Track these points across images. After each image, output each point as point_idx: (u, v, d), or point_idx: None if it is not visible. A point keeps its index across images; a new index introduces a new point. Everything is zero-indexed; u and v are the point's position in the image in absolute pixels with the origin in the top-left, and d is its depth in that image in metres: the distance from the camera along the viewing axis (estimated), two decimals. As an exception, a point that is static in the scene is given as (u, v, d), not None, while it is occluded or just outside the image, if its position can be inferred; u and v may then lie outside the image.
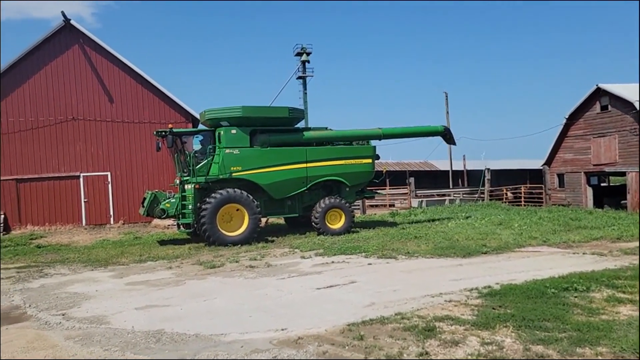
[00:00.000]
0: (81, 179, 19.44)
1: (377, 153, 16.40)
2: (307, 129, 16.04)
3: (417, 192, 29.15)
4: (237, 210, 14.03)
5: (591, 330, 5.51)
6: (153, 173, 19.88)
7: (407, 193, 28.72)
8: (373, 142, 16.84)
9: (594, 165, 25.93)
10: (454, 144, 18.25)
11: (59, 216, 19.13)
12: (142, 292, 8.51)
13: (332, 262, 10.68)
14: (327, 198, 15.29)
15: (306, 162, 15.18)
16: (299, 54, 48.69)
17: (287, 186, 14.99)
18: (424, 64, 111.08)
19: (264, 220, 17.67)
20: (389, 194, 30.67)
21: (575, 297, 7.01)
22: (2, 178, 18.51)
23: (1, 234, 17.63)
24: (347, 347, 5.36)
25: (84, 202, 19.42)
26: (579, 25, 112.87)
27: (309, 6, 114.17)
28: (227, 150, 14.28)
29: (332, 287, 8.33)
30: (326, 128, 16.52)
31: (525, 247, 11.85)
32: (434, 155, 57.04)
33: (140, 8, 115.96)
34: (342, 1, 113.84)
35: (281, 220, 18.30)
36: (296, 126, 15.95)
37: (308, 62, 48.67)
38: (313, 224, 15.18)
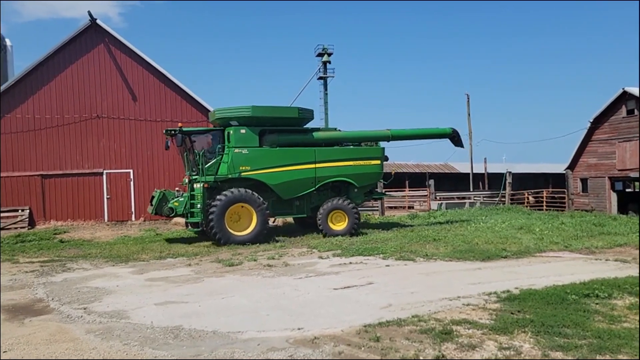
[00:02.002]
0: (104, 176, 19.81)
1: (385, 154, 16.39)
2: (316, 129, 16.03)
3: (437, 194, 28.93)
4: (246, 209, 14.04)
5: (612, 338, 5.40)
6: (174, 171, 20.12)
7: (426, 195, 28.52)
8: (382, 144, 16.88)
9: (619, 170, 25.37)
10: (462, 146, 18.17)
11: (82, 212, 19.53)
12: (161, 289, 8.64)
13: (350, 262, 10.68)
14: (331, 199, 15.26)
15: (315, 162, 15.16)
16: (320, 55, 48.77)
17: (295, 186, 14.98)
18: (446, 65, 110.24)
19: (279, 220, 17.77)
20: (408, 196, 30.52)
21: (597, 304, 6.87)
22: (27, 174, 18.99)
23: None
24: (363, 348, 5.36)
25: (107, 198, 19.79)
26: (606, 28, 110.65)
27: (331, 6, 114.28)
28: (236, 150, 14.28)
29: (349, 287, 8.33)
30: (335, 129, 16.57)
31: (546, 252, 11.66)
32: (454, 158, 56.56)
33: (165, 8, 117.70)
34: (365, 2, 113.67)
35: (291, 220, 18.29)
36: (305, 127, 15.96)
37: (329, 62, 48.76)
38: (318, 224, 15.17)
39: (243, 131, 14.42)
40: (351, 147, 16.21)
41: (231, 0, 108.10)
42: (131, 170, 20.06)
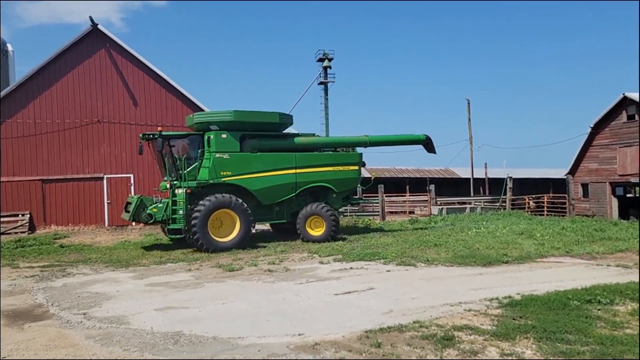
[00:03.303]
0: (104, 181, 19.81)
1: (363, 160, 16.66)
2: (295, 134, 16.06)
3: (438, 199, 28.90)
4: (228, 215, 13.81)
5: (615, 344, 5.37)
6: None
7: (427, 200, 28.51)
8: (360, 149, 17.13)
9: (620, 175, 25.37)
10: (434, 152, 18.46)
11: (83, 217, 19.51)
12: (161, 294, 8.61)
13: (351, 268, 10.65)
14: (309, 205, 15.24)
15: (295, 168, 15.14)
16: (321, 60, 48.87)
17: (276, 192, 14.93)
18: (447, 70, 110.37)
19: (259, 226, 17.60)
20: (408, 201, 30.49)
21: (599, 309, 6.84)
22: (27, 178, 18.99)
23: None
24: (364, 354, 5.33)
25: (107, 203, 19.78)
26: (606, 32, 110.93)
27: (330, 9, 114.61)
28: (218, 155, 14.07)
29: (350, 293, 8.30)
30: (314, 134, 16.64)
31: (548, 258, 11.62)
32: (455, 163, 56.53)
33: (167, 13, 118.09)
34: (366, 2, 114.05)
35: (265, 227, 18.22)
36: (284, 132, 15.98)
37: (330, 67, 48.86)
38: (297, 230, 15.17)
39: (224, 136, 14.24)
40: (330, 152, 16.37)
41: (233, 0, 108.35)
42: (132, 175, 20.06)
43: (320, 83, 48.96)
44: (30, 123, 19.23)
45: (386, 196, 25.79)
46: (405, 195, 32.61)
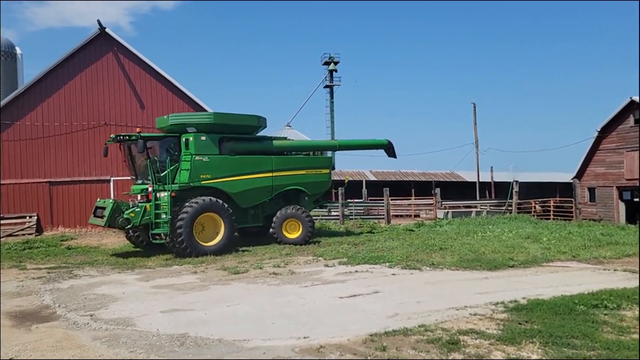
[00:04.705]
0: (111, 183, 19.92)
1: (333, 163, 17.18)
2: (269, 138, 16.11)
3: (443, 202, 28.82)
4: (211, 219, 13.54)
5: (621, 349, 5.34)
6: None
7: (432, 204, 28.44)
8: (329, 153, 17.87)
9: (627, 179, 25.21)
10: (395, 157, 18.88)
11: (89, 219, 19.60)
12: (167, 296, 8.64)
13: (356, 271, 10.64)
14: (285, 208, 15.25)
15: (272, 171, 15.17)
16: (327, 63, 48.97)
17: (254, 195, 14.89)
18: (452, 73, 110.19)
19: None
20: (414, 204, 30.44)
21: (605, 314, 6.81)
22: (35, 181, 19.14)
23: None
24: (369, 358, 5.33)
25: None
26: (613, 36, 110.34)
27: (336, 11, 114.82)
28: (197, 157, 13.78)
29: (355, 296, 8.30)
30: (285, 138, 16.80)
31: (554, 262, 11.57)
32: (461, 166, 56.39)
33: (174, 18, 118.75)
34: (371, 6, 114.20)
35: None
36: (257, 135, 16.02)
37: (335, 71, 48.94)
38: (271, 233, 15.09)
39: (203, 138, 14.01)
40: (304, 156, 16.53)
41: (241, 1, 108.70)
42: (138, 178, 20.12)
43: (326, 86, 49.07)
44: (38, 126, 19.39)
45: (391, 200, 25.75)
46: (410, 199, 32.56)
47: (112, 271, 11.44)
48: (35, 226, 18.86)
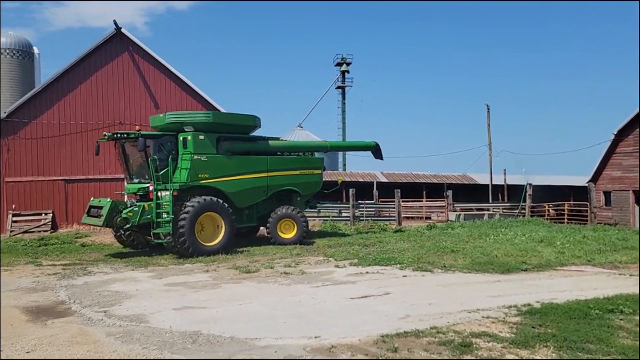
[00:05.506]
0: (126, 182, 20.07)
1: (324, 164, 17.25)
2: (264, 138, 16.12)
3: (455, 205, 28.64)
4: (211, 219, 13.50)
5: (637, 354, 5.27)
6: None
7: (444, 206, 28.28)
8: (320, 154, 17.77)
9: (644, 183, 24.81)
10: (382, 159, 19.14)
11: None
12: (180, 294, 8.71)
13: (367, 272, 10.62)
14: (280, 208, 15.29)
15: (267, 171, 15.24)
16: (339, 64, 48.97)
17: (250, 195, 14.90)
18: (466, 77, 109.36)
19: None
20: (425, 206, 30.28)
21: (621, 319, 6.72)
22: (51, 178, 19.45)
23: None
24: (380, 358, 5.32)
25: (127, 203, 20.04)
26: (628, 37, 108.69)
27: (349, 12, 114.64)
28: (196, 157, 13.68)
29: (366, 297, 8.29)
30: (278, 138, 16.76)
31: (568, 266, 11.44)
32: (473, 169, 55.97)
33: (188, 18, 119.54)
34: (384, 7, 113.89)
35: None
36: (252, 135, 16.07)
37: (348, 72, 48.92)
38: (267, 233, 15.22)
39: (202, 137, 13.97)
40: (297, 156, 16.61)
41: (253, 1, 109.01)
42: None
43: (338, 87, 49.08)
44: (55, 124, 19.67)
45: (403, 201, 25.65)
46: (422, 201, 32.40)
47: (126, 268, 11.56)
48: (50, 223, 19.12)
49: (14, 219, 18.79)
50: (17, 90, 26.71)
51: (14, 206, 18.97)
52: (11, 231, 18.46)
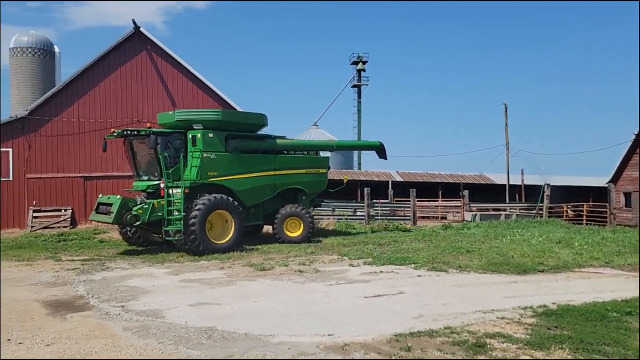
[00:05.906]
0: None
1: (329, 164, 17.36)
2: (271, 136, 16.14)
3: (471, 205, 28.40)
4: (220, 216, 13.52)
5: (656, 359, 5.19)
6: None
7: (460, 206, 28.06)
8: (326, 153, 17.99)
9: (666, 184, 24.30)
10: (386, 158, 19.09)
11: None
12: (195, 290, 8.82)
13: (381, 271, 10.62)
14: (286, 206, 15.34)
15: (275, 170, 15.30)
16: (355, 63, 48.84)
17: (258, 193, 14.95)
18: (483, 76, 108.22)
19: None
20: (441, 206, 30.09)
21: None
22: (70, 175, 19.79)
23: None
24: (394, 358, 5.33)
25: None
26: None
27: (365, 11, 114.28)
28: (205, 154, 13.69)
29: (380, 296, 8.29)
30: (284, 137, 16.74)
31: (586, 268, 11.28)
32: (490, 169, 55.38)
33: (206, 16, 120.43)
34: (401, 7, 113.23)
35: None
36: (259, 133, 16.12)
37: (364, 70, 48.77)
38: (273, 231, 15.33)
39: (211, 135, 13.96)
40: (303, 155, 16.67)
41: (272, 0, 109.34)
42: (168, 174, 20.53)
43: (354, 86, 48.98)
44: (75, 122, 20.01)
45: (418, 201, 25.52)
46: (437, 200, 32.19)
47: (143, 264, 11.73)
48: (69, 219, 19.47)
49: (35, 214, 19.19)
50: (38, 88, 27.31)
51: (34, 202, 19.37)
52: (32, 226, 18.85)
